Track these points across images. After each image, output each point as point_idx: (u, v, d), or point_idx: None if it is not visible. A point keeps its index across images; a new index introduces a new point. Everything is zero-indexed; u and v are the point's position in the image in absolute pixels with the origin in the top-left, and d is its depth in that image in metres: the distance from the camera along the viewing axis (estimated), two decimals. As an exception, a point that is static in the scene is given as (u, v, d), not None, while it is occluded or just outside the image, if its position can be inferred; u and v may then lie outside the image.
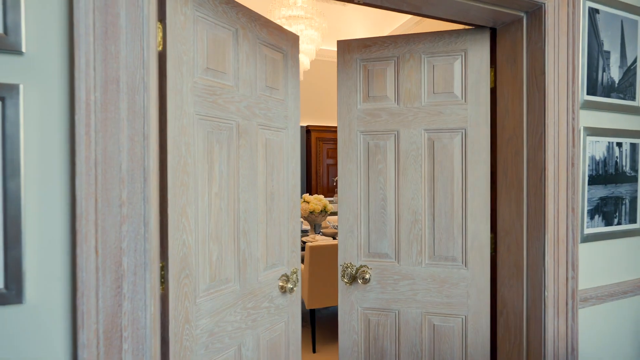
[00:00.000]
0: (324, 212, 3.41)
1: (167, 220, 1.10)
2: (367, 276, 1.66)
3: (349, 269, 1.70)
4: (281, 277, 1.53)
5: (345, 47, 1.78)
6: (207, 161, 1.21)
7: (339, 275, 1.73)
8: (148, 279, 0.85)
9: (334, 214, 4.76)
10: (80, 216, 0.78)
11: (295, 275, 1.58)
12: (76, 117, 0.78)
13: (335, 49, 8.52)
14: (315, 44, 4.68)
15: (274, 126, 1.51)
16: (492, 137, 1.61)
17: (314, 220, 3.41)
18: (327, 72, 8.73)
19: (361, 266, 1.70)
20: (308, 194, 3.47)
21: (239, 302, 1.33)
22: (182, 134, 1.14)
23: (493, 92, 1.60)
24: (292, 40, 1.61)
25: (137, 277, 0.84)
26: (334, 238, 3.25)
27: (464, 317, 1.64)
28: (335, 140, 8.52)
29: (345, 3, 5.33)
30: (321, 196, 3.46)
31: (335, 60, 8.76)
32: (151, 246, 0.87)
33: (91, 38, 0.79)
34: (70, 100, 0.81)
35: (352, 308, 1.72)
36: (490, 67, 1.59)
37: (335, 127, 8.44)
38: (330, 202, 5.11)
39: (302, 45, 4.59)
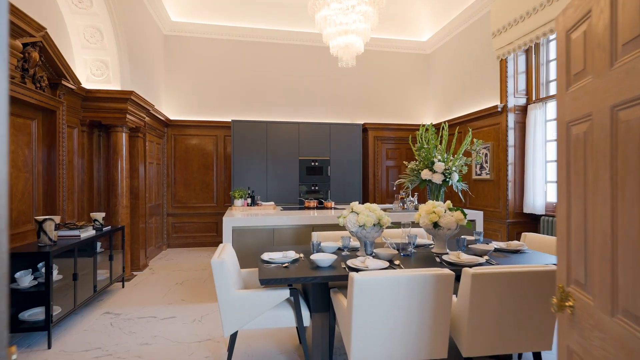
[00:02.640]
0: (378, 226, 2.62)
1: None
2: (569, 305, 1.23)
3: (559, 292, 1.30)
4: None
5: (560, 27, 1.35)
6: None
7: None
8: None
9: (393, 226, 3.88)
10: None
11: None
12: None
13: (396, 37, 7.61)
14: (371, 22, 3.90)
15: None
16: None
17: (364, 237, 2.63)
18: (385, 64, 7.80)
19: (568, 293, 1.27)
20: (357, 203, 2.70)
21: None
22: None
23: None
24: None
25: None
26: (392, 264, 2.44)
27: None
28: (394, 139, 7.53)
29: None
30: (375, 205, 2.68)
31: (394, 50, 7.84)
32: None
33: None
34: None
35: (561, 337, 1.31)
36: None
37: (395, 125, 7.49)
38: (386, 210, 4.17)
39: (354, 25, 3.84)
